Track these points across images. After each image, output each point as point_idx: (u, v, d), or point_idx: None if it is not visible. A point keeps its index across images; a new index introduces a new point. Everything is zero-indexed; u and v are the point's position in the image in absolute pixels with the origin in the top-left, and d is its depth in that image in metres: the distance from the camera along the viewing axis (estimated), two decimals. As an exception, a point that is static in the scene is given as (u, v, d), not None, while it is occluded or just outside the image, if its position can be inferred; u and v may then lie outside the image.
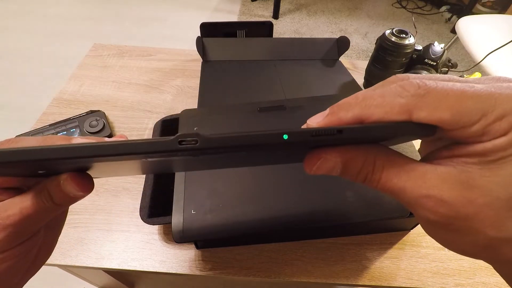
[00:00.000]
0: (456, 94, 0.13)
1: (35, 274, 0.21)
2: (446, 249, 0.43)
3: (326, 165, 0.16)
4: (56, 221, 0.22)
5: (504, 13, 2.03)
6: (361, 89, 0.48)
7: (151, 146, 0.13)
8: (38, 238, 0.19)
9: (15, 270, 0.18)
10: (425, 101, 0.14)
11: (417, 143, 0.43)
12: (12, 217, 0.16)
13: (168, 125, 0.53)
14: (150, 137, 0.45)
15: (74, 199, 0.17)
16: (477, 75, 0.64)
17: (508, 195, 0.13)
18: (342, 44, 0.67)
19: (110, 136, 0.55)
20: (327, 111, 0.16)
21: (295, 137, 0.14)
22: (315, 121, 0.16)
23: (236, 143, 0.14)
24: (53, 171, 0.17)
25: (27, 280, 0.21)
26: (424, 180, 0.14)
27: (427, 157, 0.16)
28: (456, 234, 0.14)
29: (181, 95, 0.65)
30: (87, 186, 0.17)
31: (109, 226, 0.44)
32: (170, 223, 0.36)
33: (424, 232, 0.16)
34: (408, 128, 0.14)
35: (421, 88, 0.14)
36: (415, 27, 0.98)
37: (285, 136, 0.14)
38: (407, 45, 0.58)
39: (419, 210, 0.15)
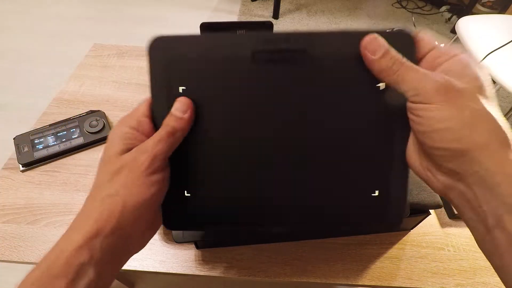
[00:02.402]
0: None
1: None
2: (446, 249, 0.43)
3: (378, 42, 0.22)
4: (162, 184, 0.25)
5: (504, 13, 2.03)
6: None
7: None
8: (166, 174, 0.24)
9: (156, 199, 0.23)
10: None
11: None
12: (155, 147, 0.22)
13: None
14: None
15: (182, 121, 0.23)
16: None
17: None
18: (342, 44, 0.67)
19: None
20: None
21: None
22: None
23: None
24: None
25: (151, 236, 0.25)
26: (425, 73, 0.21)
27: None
28: (444, 106, 0.20)
29: (181, 95, 0.65)
30: (186, 106, 0.24)
31: (109, 226, 0.44)
32: (170, 223, 0.36)
33: (424, 232, 0.16)
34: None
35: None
36: (415, 27, 0.98)
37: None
38: (407, 45, 0.57)
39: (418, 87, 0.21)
